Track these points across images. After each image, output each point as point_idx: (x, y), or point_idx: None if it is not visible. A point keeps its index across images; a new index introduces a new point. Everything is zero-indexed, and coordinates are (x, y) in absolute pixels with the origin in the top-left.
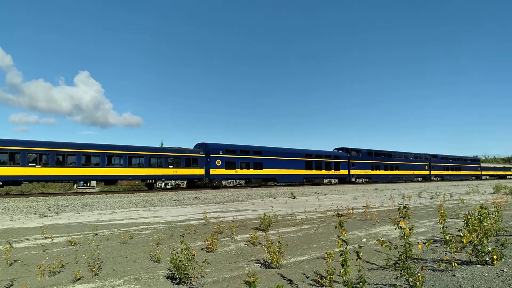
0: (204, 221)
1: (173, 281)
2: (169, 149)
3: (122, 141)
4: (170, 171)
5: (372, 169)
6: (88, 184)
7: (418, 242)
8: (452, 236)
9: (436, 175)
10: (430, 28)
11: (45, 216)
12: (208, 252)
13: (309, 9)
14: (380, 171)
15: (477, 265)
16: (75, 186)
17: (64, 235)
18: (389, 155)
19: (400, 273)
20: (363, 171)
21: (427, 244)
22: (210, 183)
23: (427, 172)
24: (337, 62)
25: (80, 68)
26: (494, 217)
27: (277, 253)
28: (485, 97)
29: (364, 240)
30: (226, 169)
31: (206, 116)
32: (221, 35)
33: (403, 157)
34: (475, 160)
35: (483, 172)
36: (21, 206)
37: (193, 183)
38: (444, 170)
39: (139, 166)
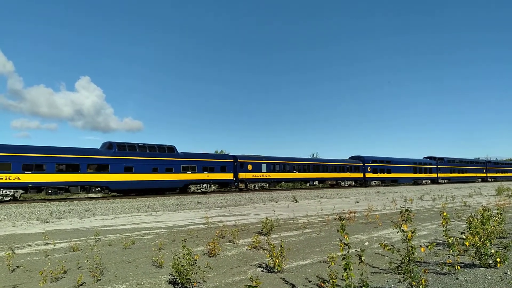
0: (206, 225)
1: (175, 286)
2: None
3: None
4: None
5: (450, 173)
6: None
7: (420, 245)
8: (455, 239)
9: (491, 176)
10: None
11: (47, 222)
12: (210, 256)
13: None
14: (455, 174)
15: (480, 268)
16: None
17: (66, 241)
18: (460, 161)
19: (403, 277)
20: (445, 174)
21: (429, 247)
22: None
23: (484, 174)
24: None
25: (81, 73)
26: (497, 220)
27: (279, 257)
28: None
29: (366, 243)
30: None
31: (207, 119)
32: (221, 39)
33: (469, 163)
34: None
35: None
36: (23, 212)
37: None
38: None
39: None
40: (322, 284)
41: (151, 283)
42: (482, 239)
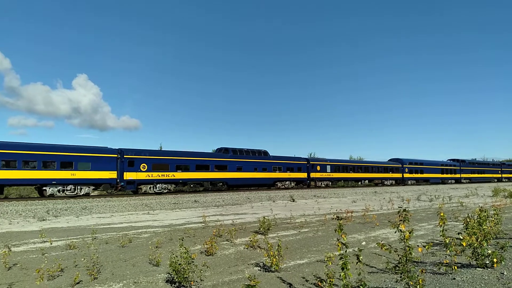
0: (203, 224)
1: (173, 284)
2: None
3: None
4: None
5: (471, 173)
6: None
7: (418, 245)
8: (452, 239)
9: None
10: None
11: (44, 220)
12: (208, 255)
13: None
14: (475, 174)
15: (477, 268)
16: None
17: (63, 239)
18: (479, 163)
19: (400, 277)
20: (467, 174)
21: (427, 247)
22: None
23: (499, 175)
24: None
25: (78, 71)
26: (493, 220)
27: (276, 257)
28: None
29: (363, 243)
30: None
31: (205, 118)
32: (222, 39)
33: (486, 165)
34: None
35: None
36: (19, 209)
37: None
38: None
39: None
40: (320, 284)
41: (148, 281)
42: (479, 240)
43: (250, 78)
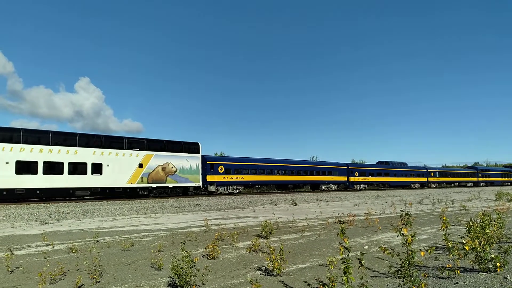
0: (205, 228)
1: None
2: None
3: None
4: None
5: (488, 177)
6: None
7: (420, 249)
8: (455, 243)
9: None
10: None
11: (46, 223)
12: (210, 259)
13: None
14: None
15: (480, 273)
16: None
17: (65, 242)
18: (494, 171)
19: (403, 281)
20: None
21: (429, 251)
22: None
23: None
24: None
25: (81, 74)
26: (496, 224)
27: (278, 261)
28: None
29: (366, 247)
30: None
31: (206, 122)
32: (222, 44)
33: (499, 172)
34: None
35: None
36: (22, 213)
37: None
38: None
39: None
40: None
41: (150, 285)
42: (481, 244)
43: (251, 84)
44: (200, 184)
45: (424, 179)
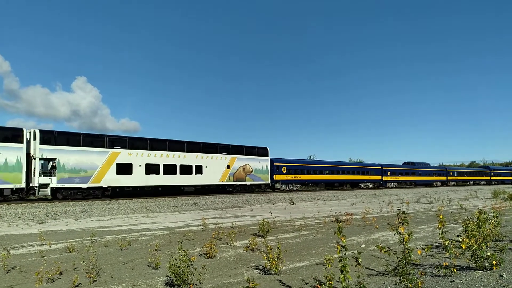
0: (202, 227)
1: (172, 287)
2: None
3: None
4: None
5: (499, 176)
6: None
7: (417, 248)
8: (451, 242)
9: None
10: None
11: (43, 223)
12: (207, 258)
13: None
14: (502, 177)
15: (476, 271)
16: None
17: (62, 242)
18: (505, 170)
19: (400, 279)
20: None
21: (426, 249)
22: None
23: None
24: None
25: (77, 73)
26: (493, 223)
27: (276, 259)
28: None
29: (363, 246)
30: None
31: (204, 121)
32: (219, 47)
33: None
34: None
35: None
36: (18, 212)
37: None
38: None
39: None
40: (319, 286)
41: (147, 284)
42: (478, 242)
43: (246, 86)
44: (269, 182)
45: (444, 178)
